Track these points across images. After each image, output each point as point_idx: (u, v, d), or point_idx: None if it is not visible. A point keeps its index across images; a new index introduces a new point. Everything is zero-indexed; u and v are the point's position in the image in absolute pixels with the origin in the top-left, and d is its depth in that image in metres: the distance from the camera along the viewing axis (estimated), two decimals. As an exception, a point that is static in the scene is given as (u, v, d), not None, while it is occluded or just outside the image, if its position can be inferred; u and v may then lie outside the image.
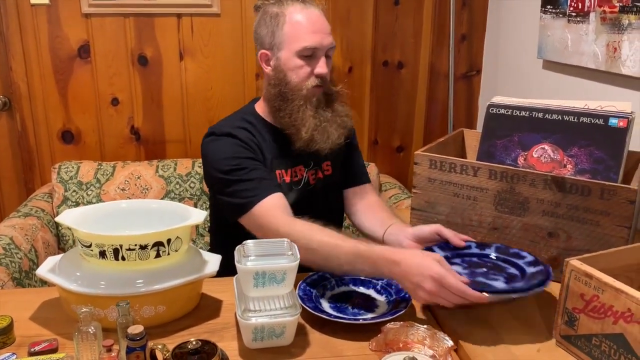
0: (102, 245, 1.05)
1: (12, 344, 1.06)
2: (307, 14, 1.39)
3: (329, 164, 1.55)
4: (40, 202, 2.07)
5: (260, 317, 1.01)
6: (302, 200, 1.46)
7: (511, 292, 1.07)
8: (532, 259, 1.21)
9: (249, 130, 1.44)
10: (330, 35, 1.42)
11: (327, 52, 1.42)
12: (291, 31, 1.38)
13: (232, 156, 1.36)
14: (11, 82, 2.20)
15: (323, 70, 1.39)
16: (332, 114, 1.44)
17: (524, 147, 1.44)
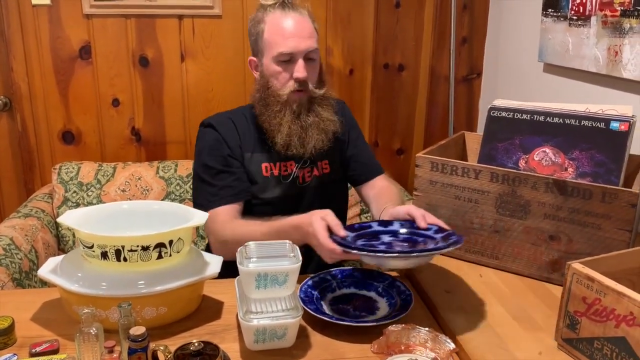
0: (104, 246, 1.04)
1: (13, 345, 1.06)
2: (284, 19, 1.43)
3: (327, 163, 1.56)
4: (41, 202, 2.07)
5: (262, 319, 1.01)
6: (291, 195, 1.50)
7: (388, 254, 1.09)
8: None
9: (235, 123, 1.51)
10: (310, 39, 1.43)
11: (308, 55, 1.44)
12: (269, 38, 1.44)
13: (209, 153, 1.48)
14: (12, 82, 2.19)
15: (300, 75, 1.41)
16: (315, 118, 1.45)
17: (525, 150, 1.44)
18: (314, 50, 1.44)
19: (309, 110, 1.46)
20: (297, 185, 1.52)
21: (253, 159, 1.50)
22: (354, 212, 2.21)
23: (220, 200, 1.43)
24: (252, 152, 1.50)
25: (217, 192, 1.45)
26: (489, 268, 1.36)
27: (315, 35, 1.47)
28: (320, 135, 1.47)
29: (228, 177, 1.46)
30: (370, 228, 1.29)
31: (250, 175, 1.50)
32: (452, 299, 1.21)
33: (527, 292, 1.25)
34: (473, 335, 1.08)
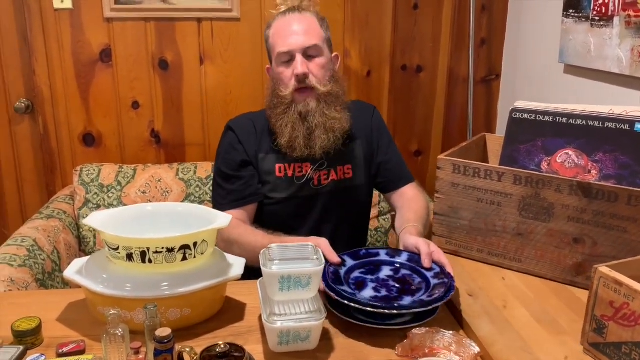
0: (129, 248, 1.05)
1: (41, 345, 1.07)
2: (282, 22, 1.48)
3: (349, 168, 1.55)
4: (62, 204, 2.09)
5: (286, 321, 1.01)
6: (304, 196, 1.52)
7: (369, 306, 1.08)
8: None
9: (255, 124, 1.55)
10: (308, 35, 1.45)
11: (308, 52, 1.45)
12: (272, 42, 1.49)
13: (222, 157, 1.56)
14: (34, 85, 2.22)
15: (297, 71, 1.43)
16: (321, 118, 1.46)
17: (548, 152, 1.43)
18: (313, 47, 1.45)
19: (316, 110, 1.46)
20: (311, 187, 1.53)
21: (267, 159, 1.52)
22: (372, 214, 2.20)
23: (229, 204, 1.49)
24: (267, 152, 1.52)
25: (225, 196, 1.51)
26: (512, 271, 1.35)
27: (319, 32, 1.48)
28: (327, 135, 1.47)
29: (237, 182, 1.51)
30: (377, 256, 1.31)
31: (262, 175, 1.52)
32: (475, 302, 1.21)
33: (551, 295, 1.24)
34: (497, 339, 1.07)
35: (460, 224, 1.41)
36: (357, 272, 1.26)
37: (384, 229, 2.21)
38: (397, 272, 1.27)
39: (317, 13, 1.52)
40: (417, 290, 1.19)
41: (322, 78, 1.46)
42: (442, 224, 1.44)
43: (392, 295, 1.17)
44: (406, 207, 1.54)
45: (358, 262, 1.29)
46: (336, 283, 1.15)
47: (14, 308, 1.19)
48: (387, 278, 1.24)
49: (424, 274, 1.24)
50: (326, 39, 1.50)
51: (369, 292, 1.18)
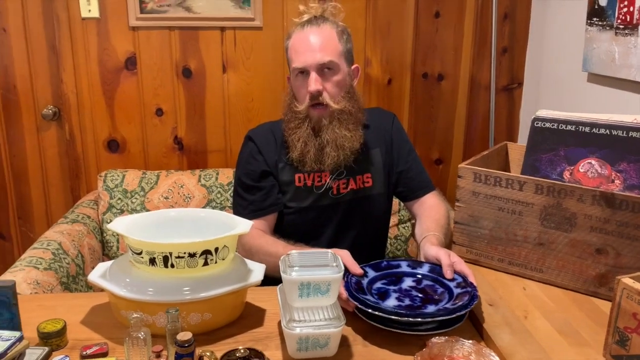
0: (152, 253, 1.07)
1: (65, 347, 1.09)
2: (300, 36, 1.47)
3: (369, 176, 1.56)
4: (87, 209, 2.13)
5: (305, 328, 1.02)
6: (323, 205, 1.53)
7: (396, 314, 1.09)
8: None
9: (274, 133, 1.56)
10: (323, 51, 1.44)
11: (323, 68, 1.44)
12: (289, 55, 1.50)
13: (243, 167, 1.57)
14: (61, 93, 2.28)
15: (310, 88, 1.44)
16: (332, 135, 1.46)
17: (570, 162, 1.42)
18: (328, 63, 1.44)
19: (328, 127, 1.47)
20: (330, 196, 1.53)
21: (287, 168, 1.53)
22: (391, 222, 2.20)
23: (249, 214, 1.48)
24: (287, 162, 1.53)
25: (246, 206, 1.53)
26: (533, 281, 1.34)
27: (336, 47, 1.46)
28: (337, 152, 1.48)
29: (257, 192, 1.52)
30: (398, 268, 1.31)
31: (282, 184, 1.53)
32: (495, 311, 1.20)
33: (573, 306, 1.23)
34: (517, 349, 1.06)
35: (480, 233, 1.40)
36: (379, 283, 1.26)
37: (404, 237, 2.20)
38: (420, 282, 1.27)
39: (338, 24, 1.51)
40: (440, 299, 1.19)
41: (336, 95, 1.46)
42: (463, 232, 1.43)
43: (416, 304, 1.17)
44: (426, 215, 1.54)
45: (380, 273, 1.29)
46: (359, 293, 1.15)
47: (40, 310, 1.21)
48: (409, 288, 1.24)
49: (446, 284, 1.23)
50: (344, 52, 1.49)
51: (393, 301, 1.18)
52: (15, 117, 2.31)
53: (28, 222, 2.44)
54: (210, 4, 2.21)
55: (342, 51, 1.48)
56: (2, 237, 2.45)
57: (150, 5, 2.19)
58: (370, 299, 1.14)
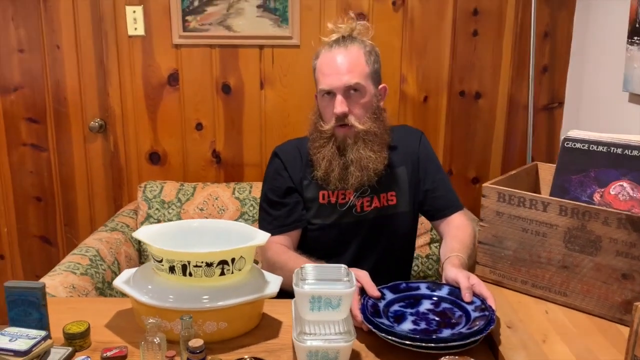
0: (172, 261, 1.12)
1: (88, 348, 1.14)
2: (327, 57, 1.48)
3: (393, 195, 1.56)
4: (126, 218, 2.22)
5: (315, 341, 1.03)
6: (346, 223, 1.54)
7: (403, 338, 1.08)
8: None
9: (300, 150, 1.58)
10: (350, 74, 1.44)
11: (350, 90, 1.45)
12: (316, 75, 1.51)
13: (269, 183, 1.60)
14: (108, 106, 2.39)
15: (336, 110, 1.44)
16: (357, 155, 1.47)
17: (601, 184, 1.38)
18: (355, 85, 1.44)
19: (353, 147, 1.48)
20: (353, 214, 1.54)
21: (311, 185, 1.55)
22: (423, 241, 2.19)
23: (274, 230, 1.49)
24: (311, 179, 1.54)
25: (271, 221, 1.55)
26: (557, 305, 1.30)
27: (362, 69, 1.46)
28: (361, 172, 1.48)
29: (282, 209, 1.55)
30: (417, 290, 1.30)
31: (306, 201, 1.55)
32: (513, 334, 1.18)
33: (596, 332, 1.19)
34: (532, 374, 1.04)
35: (504, 253, 1.38)
36: (396, 306, 1.25)
37: (436, 257, 2.18)
38: (438, 305, 1.26)
39: (366, 44, 1.51)
40: (457, 323, 1.18)
41: (361, 116, 1.47)
42: (487, 253, 1.41)
43: (432, 328, 1.16)
44: (452, 235, 1.53)
45: (398, 295, 1.28)
46: (374, 316, 1.16)
47: (69, 312, 1.27)
48: (427, 311, 1.23)
49: (465, 308, 1.22)
50: (371, 73, 1.49)
51: (408, 324, 1.18)
52: (65, 129, 2.44)
53: (73, 229, 2.55)
54: (250, 22, 2.28)
55: (369, 72, 1.48)
56: (49, 243, 2.57)
57: (193, 24, 2.28)
58: (385, 323, 1.14)
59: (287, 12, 2.27)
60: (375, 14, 2.31)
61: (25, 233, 2.56)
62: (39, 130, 2.45)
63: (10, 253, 2.58)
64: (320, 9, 2.29)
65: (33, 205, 2.53)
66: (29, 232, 2.56)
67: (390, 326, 1.13)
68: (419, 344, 1.07)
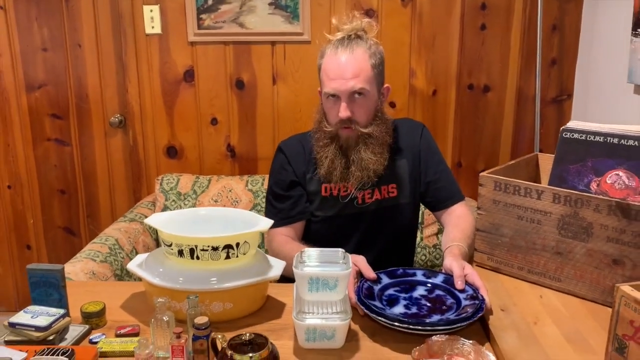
0: (180, 245, 1.19)
1: (104, 326, 1.23)
2: (333, 60, 1.50)
3: (394, 187, 1.61)
4: (144, 209, 2.31)
5: (313, 319, 1.10)
6: (348, 214, 1.58)
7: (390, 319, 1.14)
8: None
9: (304, 145, 1.64)
10: (355, 79, 1.46)
11: (354, 94, 1.48)
12: (321, 76, 1.55)
13: (274, 177, 1.68)
14: (126, 102, 2.49)
15: (341, 114, 1.49)
16: (358, 156, 1.52)
17: (598, 173, 1.42)
18: (359, 89, 1.47)
19: (355, 148, 1.53)
20: (355, 206, 1.59)
21: (314, 179, 1.61)
22: (430, 231, 2.24)
23: (278, 222, 1.56)
24: (315, 172, 1.60)
25: (276, 214, 1.61)
26: (551, 290, 1.35)
27: (367, 73, 1.48)
28: (362, 172, 1.53)
29: (286, 201, 1.61)
30: (413, 276, 1.36)
31: (310, 194, 1.62)
32: (505, 316, 1.23)
33: (587, 315, 1.23)
34: (520, 353, 1.09)
35: (501, 240, 1.43)
36: (391, 290, 1.31)
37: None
38: (432, 292, 1.31)
39: (371, 44, 1.52)
40: (448, 309, 1.23)
41: (364, 120, 1.51)
42: (484, 240, 1.46)
43: (422, 312, 1.22)
44: (453, 224, 1.57)
45: (394, 280, 1.35)
46: (369, 298, 1.22)
47: (87, 294, 1.36)
48: (420, 297, 1.29)
49: (457, 295, 1.27)
50: (375, 76, 1.51)
51: (400, 308, 1.23)
52: (87, 124, 2.54)
53: (95, 220, 2.66)
54: (262, 19, 2.35)
55: (374, 76, 1.50)
56: (72, 234, 2.69)
57: (207, 22, 2.36)
58: (377, 305, 1.20)
59: (298, 9, 2.33)
60: (384, 9, 2.36)
61: (50, 224, 2.68)
62: (62, 125, 2.55)
63: (36, 243, 2.71)
64: (331, 5, 2.35)
65: (57, 197, 2.64)
66: (53, 223, 2.68)
67: (381, 309, 1.19)
68: (407, 326, 1.12)
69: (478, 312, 1.17)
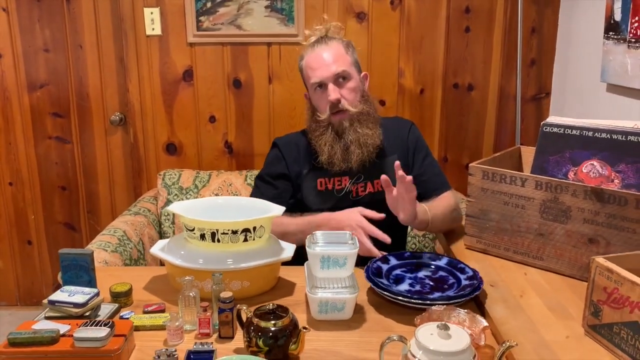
0: (202, 229, 1.31)
1: (131, 305, 1.34)
2: (312, 55, 1.67)
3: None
4: (147, 204, 2.41)
5: (325, 293, 1.22)
6: (343, 207, 1.65)
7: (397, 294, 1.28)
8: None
9: (298, 143, 1.75)
10: (335, 63, 1.63)
11: (339, 78, 1.63)
12: (305, 72, 1.69)
13: (266, 165, 1.77)
14: (127, 101, 2.58)
15: (330, 97, 1.62)
16: (355, 135, 1.64)
17: (575, 163, 1.57)
18: (342, 72, 1.63)
19: (350, 128, 1.65)
20: (350, 199, 1.71)
21: (309, 175, 1.72)
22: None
23: None
24: (310, 169, 1.71)
25: (259, 196, 1.66)
26: (535, 268, 1.49)
27: (345, 58, 1.65)
28: (361, 149, 1.65)
29: (270, 189, 1.71)
30: (419, 258, 1.51)
31: (306, 190, 1.72)
32: (495, 291, 1.37)
33: (567, 289, 1.38)
34: (508, 320, 1.23)
35: (489, 224, 1.57)
36: (398, 270, 1.46)
37: (432, 235, 2.37)
38: (435, 273, 1.45)
39: (343, 40, 1.71)
40: (449, 288, 1.37)
41: (353, 100, 1.65)
42: (474, 225, 1.60)
43: (425, 290, 1.36)
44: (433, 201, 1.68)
45: (401, 262, 1.49)
46: (376, 276, 1.36)
47: (111, 278, 1.46)
48: (424, 277, 1.43)
49: (458, 276, 1.42)
50: (354, 62, 1.68)
51: (405, 286, 1.37)
52: (88, 122, 2.63)
53: (95, 216, 2.75)
54: (259, 22, 2.46)
55: (352, 61, 1.68)
56: (73, 229, 2.77)
57: (206, 24, 2.47)
58: (383, 282, 1.34)
59: (293, 12, 2.46)
60: (374, 12, 2.49)
61: (51, 220, 2.76)
62: (64, 124, 2.64)
63: (37, 239, 2.79)
64: (324, 8, 2.48)
65: (58, 194, 2.73)
66: (54, 219, 2.76)
67: (388, 285, 1.32)
68: (409, 300, 1.26)
69: (476, 290, 1.31)
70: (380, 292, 1.30)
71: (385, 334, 1.18)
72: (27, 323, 1.14)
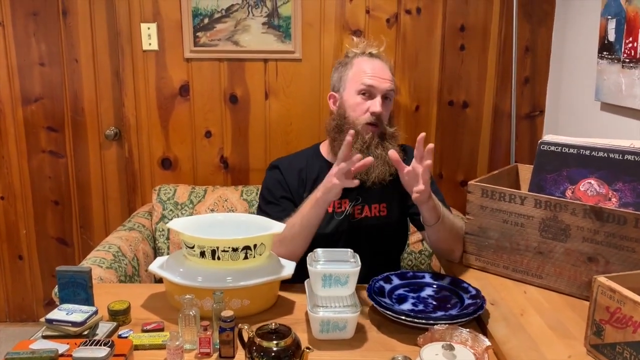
0: (202, 247, 1.30)
1: (129, 323, 1.32)
2: (370, 62, 1.66)
3: (384, 206, 1.70)
4: (142, 219, 2.39)
5: (326, 312, 1.21)
6: (344, 230, 1.66)
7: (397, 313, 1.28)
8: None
9: (298, 166, 1.72)
10: (390, 82, 1.65)
11: (385, 95, 1.63)
12: (355, 74, 1.65)
13: (267, 188, 1.73)
14: (122, 115, 2.57)
15: (376, 109, 1.61)
16: (382, 152, 1.61)
17: (572, 181, 1.58)
18: (391, 92, 1.65)
19: (378, 143, 1.63)
20: (350, 222, 1.68)
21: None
22: (416, 238, 2.38)
23: None
24: (310, 191, 1.64)
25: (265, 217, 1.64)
26: (533, 286, 1.50)
27: (393, 81, 1.67)
28: (384, 167, 1.62)
29: (275, 208, 1.67)
30: (422, 278, 1.50)
31: None
32: (495, 309, 1.37)
33: (566, 307, 1.38)
34: (510, 339, 1.23)
35: (488, 242, 1.57)
36: (401, 290, 1.45)
37: (428, 252, 2.37)
38: (438, 292, 1.45)
39: (390, 64, 1.72)
40: (452, 307, 1.37)
41: (387, 121, 1.66)
42: (472, 242, 1.60)
43: (428, 309, 1.35)
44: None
45: (404, 281, 1.48)
46: (379, 296, 1.35)
47: (108, 295, 1.44)
48: (427, 297, 1.43)
49: (461, 295, 1.41)
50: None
51: (408, 305, 1.37)
52: (82, 136, 2.62)
53: (88, 231, 2.73)
54: (256, 38, 2.47)
55: (395, 87, 1.69)
56: (66, 244, 2.74)
57: (203, 39, 2.47)
58: (386, 301, 1.33)
59: (289, 29, 2.47)
60: (370, 30, 2.51)
61: (43, 235, 2.73)
62: (58, 138, 2.62)
63: (28, 253, 2.75)
64: (320, 25, 2.49)
65: (51, 208, 2.70)
66: (46, 233, 2.73)
67: (390, 304, 1.32)
68: (412, 319, 1.25)
69: (479, 310, 1.30)
70: (382, 312, 1.30)
71: (387, 353, 1.18)
72: (24, 342, 1.12)
